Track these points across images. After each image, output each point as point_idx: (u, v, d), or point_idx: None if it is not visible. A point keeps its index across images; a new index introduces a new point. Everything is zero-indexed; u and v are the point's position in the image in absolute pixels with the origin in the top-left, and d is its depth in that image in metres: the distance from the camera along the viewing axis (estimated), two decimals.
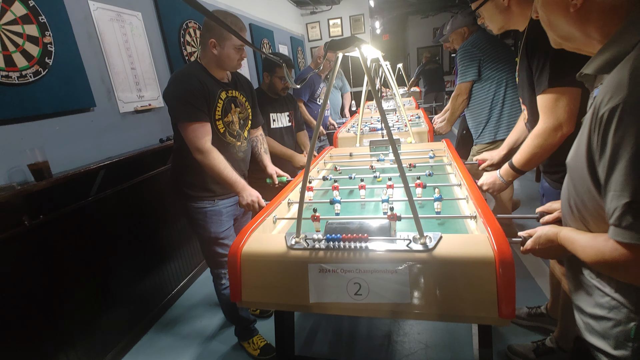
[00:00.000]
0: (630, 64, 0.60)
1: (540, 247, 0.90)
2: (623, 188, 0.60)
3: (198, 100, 1.53)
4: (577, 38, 0.72)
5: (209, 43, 1.56)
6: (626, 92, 0.58)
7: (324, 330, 2.00)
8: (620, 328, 0.71)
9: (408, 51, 10.92)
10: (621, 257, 0.64)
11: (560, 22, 0.72)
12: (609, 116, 0.61)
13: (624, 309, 0.71)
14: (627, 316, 0.70)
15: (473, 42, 2.34)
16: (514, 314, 0.80)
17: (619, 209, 0.62)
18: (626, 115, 0.59)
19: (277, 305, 1.04)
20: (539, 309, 1.86)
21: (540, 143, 1.27)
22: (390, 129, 0.89)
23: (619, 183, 0.61)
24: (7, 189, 1.47)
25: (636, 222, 0.60)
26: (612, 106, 0.60)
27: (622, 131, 0.59)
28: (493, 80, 2.31)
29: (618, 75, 0.62)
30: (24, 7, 1.63)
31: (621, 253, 0.64)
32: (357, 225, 0.98)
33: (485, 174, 1.57)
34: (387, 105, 4.41)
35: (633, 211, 0.60)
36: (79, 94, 1.91)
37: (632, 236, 0.61)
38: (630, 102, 0.58)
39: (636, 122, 0.58)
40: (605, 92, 0.63)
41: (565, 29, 0.72)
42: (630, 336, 0.70)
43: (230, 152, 1.70)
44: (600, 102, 0.64)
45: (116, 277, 2.00)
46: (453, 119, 2.65)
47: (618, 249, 0.64)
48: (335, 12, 6.54)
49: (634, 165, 0.59)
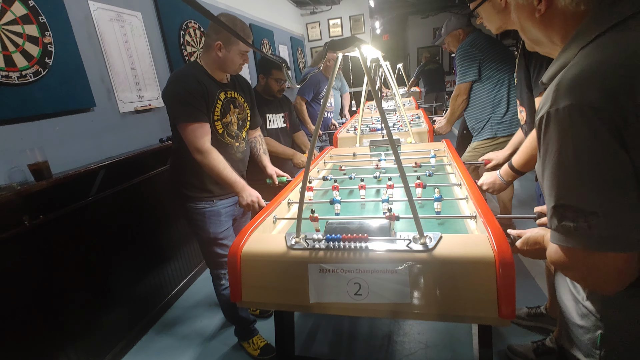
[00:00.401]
0: (559, 76, 0.62)
1: (529, 248, 0.91)
2: (550, 192, 0.63)
3: (197, 101, 1.53)
4: (544, 43, 0.73)
5: (214, 45, 1.55)
6: (550, 102, 0.60)
7: (324, 330, 2.00)
8: (589, 336, 0.73)
9: (408, 51, 10.93)
10: (559, 259, 0.66)
11: (528, 26, 0.73)
12: (539, 125, 0.64)
13: (592, 316, 0.72)
14: (595, 324, 0.72)
15: (472, 43, 2.34)
16: (514, 314, 0.80)
17: (549, 212, 0.64)
18: (549, 124, 0.61)
19: (277, 305, 1.04)
20: (539, 309, 1.86)
21: (535, 144, 1.27)
22: (390, 129, 0.89)
23: (547, 188, 0.64)
24: (7, 189, 1.47)
25: (560, 224, 0.62)
26: (540, 115, 0.63)
27: (547, 139, 0.62)
28: (492, 80, 2.31)
29: (550, 87, 0.64)
30: (24, 7, 1.63)
31: (558, 255, 0.66)
32: (357, 225, 0.98)
33: (486, 174, 1.57)
34: (387, 105, 4.41)
35: (558, 214, 0.62)
36: (78, 94, 1.91)
37: (559, 238, 0.63)
38: (552, 112, 0.60)
39: (556, 131, 0.60)
40: (540, 103, 0.66)
41: (533, 33, 0.73)
42: (597, 344, 0.71)
43: (229, 153, 1.70)
44: (536, 113, 0.67)
45: (116, 277, 2.00)
46: (453, 119, 2.66)
47: (557, 251, 0.66)
48: (335, 12, 6.54)
49: (555, 172, 0.61)
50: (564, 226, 0.61)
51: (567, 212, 0.60)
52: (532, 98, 1.29)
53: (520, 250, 0.94)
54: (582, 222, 0.58)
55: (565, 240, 0.62)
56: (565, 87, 0.59)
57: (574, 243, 0.61)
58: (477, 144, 2.48)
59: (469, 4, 1.50)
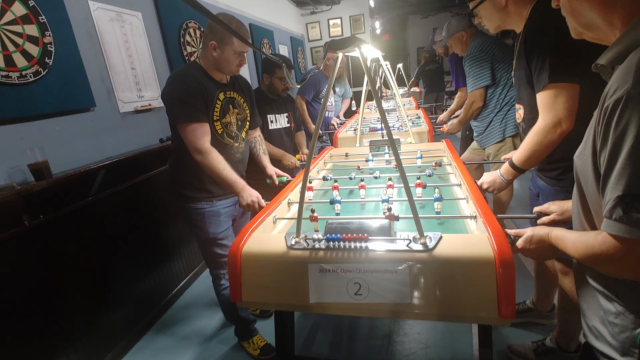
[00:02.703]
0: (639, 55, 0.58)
1: (532, 246, 0.89)
2: (618, 181, 0.60)
3: (196, 101, 1.53)
4: (599, 27, 0.68)
5: (209, 44, 1.55)
6: (631, 83, 0.57)
7: (324, 330, 2.00)
8: (627, 334, 0.70)
9: (408, 51, 10.93)
10: (609, 250, 0.64)
11: (583, 8, 0.68)
12: (613, 108, 0.60)
13: (630, 314, 0.70)
14: (634, 322, 0.69)
15: (480, 48, 2.32)
16: (514, 314, 0.80)
17: (611, 202, 0.61)
18: (629, 107, 0.57)
19: (277, 305, 1.04)
20: (525, 303, 1.86)
21: (539, 140, 1.27)
22: (390, 129, 0.89)
23: (616, 176, 0.61)
24: (7, 189, 1.47)
25: (626, 215, 0.59)
26: (616, 98, 0.59)
27: (624, 124, 0.58)
28: (501, 82, 2.31)
29: (626, 66, 0.60)
30: (24, 7, 1.63)
31: (610, 245, 0.64)
32: (357, 225, 0.98)
33: (486, 173, 1.57)
34: (387, 105, 4.41)
35: (624, 204, 0.59)
36: (78, 94, 1.91)
37: (620, 228, 0.61)
38: (634, 94, 0.56)
39: (638, 115, 0.56)
40: (612, 84, 0.62)
41: (588, 16, 0.69)
42: (637, 342, 0.69)
43: (228, 153, 1.69)
44: (606, 94, 0.63)
45: (116, 277, 2.00)
46: (465, 121, 2.66)
47: (607, 241, 0.64)
48: (335, 12, 6.54)
49: (631, 159, 0.58)
50: (631, 217, 0.59)
51: (637, 202, 0.58)
52: (533, 95, 1.29)
53: (522, 249, 0.93)
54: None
55: (630, 232, 0.59)
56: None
57: None
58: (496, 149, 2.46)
59: (469, 3, 1.50)
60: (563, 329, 1.59)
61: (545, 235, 0.85)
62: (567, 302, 1.51)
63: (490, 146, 2.48)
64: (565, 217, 1.04)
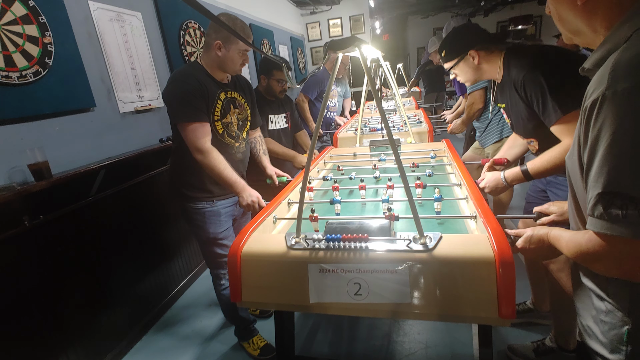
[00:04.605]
0: (614, 57, 0.61)
1: (532, 246, 0.90)
2: (597, 179, 0.62)
3: (197, 100, 1.53)
4: (585, 32, 0.72)
5: (214, 44, 1.55)
6: (606, 84, 0.59)
7: (324, 330, 2.00)
8: (615, 331, 0.72)
9: (408, 51, 10.92)
10: (595, 247, 0.65)
11: (568, 16, 0.72)
12: (590, 109, 0.62)
13: (618, 312, 0.71)
14: (621, 320, 0.71)
15: None
16: (514, 314, 0.80)
17: (592, 199, 0.63)
18: (604, 107, 0.59)
19: (277, 305, 1.04)
20: (525, 304, 1.87)
21: (563, 154, 1.27)
22: (390, 129, 0.89)
23: (595, 174, 0.62)
24: (7, 189, 1.47)
25: (606, 211, 0.61)
26: (593, 99, 0.61)
27: (600, 123, 0.60)
28: None
29: (603, 68, 0.63)
30: (24, 7, 1.63)
31: (595, 243, 0.65)
32: (357, 225, 0.98)
33: (488, 174, 1.57)
34: (387, 105, 4.40)
35: (604, 201, 0.61)
36: (79, 94, 1.91)
37: (602, 225, 0.62)
38: (608, 94, 0.59)
39: (612, 115, 0.59)
40: (590, 86, 0.65)
41: (573, 23, 0.72)
42: (624, 340, 0.70)
43: (229, 153, 1.69)
44: (586, 96, 0.65)
45: (116, 277, 2.00)
46: (468, 122, 2.70)
47: (593, 239, 0.65)
48: (335, 12, 6.54)
49: (608, 157, 0.60)
50: (611, 213, 0.60)
51: (616, 199, 0.59)
52: (541, 128, 1.29)
53: (522, 249, 0.93)
54: (632, 209, 0.58)
55: (610, 228, 0.61)
56: (624, 68, 0.58)
57: (621, 231, 0.60)
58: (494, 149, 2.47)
59: (444, 64, 1.56)
60: (558, 327, 1.60)
61: (545, 235, 0.86)
62: (558, 301, 1.53)
63: (489, 146, 2.50)
64: (564, 218, 1.05)
